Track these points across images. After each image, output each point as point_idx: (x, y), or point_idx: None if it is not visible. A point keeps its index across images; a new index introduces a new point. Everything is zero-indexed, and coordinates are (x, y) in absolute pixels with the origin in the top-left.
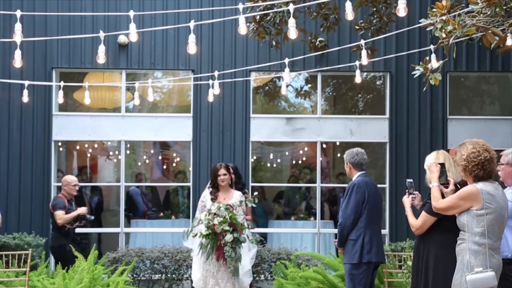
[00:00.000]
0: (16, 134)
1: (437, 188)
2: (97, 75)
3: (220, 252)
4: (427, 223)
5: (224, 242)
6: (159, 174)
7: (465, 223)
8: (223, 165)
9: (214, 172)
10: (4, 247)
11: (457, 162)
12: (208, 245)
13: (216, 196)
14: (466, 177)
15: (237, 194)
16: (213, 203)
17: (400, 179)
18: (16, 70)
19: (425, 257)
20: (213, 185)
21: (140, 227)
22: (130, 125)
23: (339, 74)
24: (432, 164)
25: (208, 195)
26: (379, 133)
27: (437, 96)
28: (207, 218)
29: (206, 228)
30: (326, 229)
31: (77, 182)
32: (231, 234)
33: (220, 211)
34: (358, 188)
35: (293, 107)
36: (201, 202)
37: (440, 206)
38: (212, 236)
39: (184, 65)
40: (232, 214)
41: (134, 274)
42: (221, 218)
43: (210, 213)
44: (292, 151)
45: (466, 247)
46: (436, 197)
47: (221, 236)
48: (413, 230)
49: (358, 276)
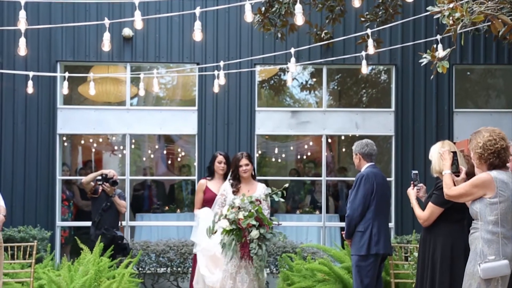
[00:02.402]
0: (21, 127)
1: (449, 176)
2: (102, 68)
3: (245, 250)
4: (434, 214)
5: (250, 239)
6: (164, 167)
7: (478, 211)
8: (244, 154)
9: (235, 162)
10: (10, 240)
11: (473, 149)
12: (232, 242)
13: (238, 188)
14: (480, 165)
15: (261, 186)
16: (235, 196)
17: (405, 172)
18: (20, 63)
19: (432, 248)
20: (234, 177)
21: (145, 221)
22: (135, 119)
23: (345, 68)
24: (445, 151)
25: (229, 188)
26: (385, 126)
27: (443, 89)
28: (232, 212)
29: (230, 223)
30: (332, 222)
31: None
32: (257, 230)
33: (245, 204)
34: (367, 179)
35: (298, 103)
36: (221, 195)
37: (453, 193)
38: (236, 232)
39: (189, 58)
40: (259, 208)
41: (140, 267)
42: (246, 212)
43: (233, 207)
44: (297, 145)
45: (479, 236)
46: (449, 185)
47: (247, 232)
48: (421, 222)
49: (366, 268)
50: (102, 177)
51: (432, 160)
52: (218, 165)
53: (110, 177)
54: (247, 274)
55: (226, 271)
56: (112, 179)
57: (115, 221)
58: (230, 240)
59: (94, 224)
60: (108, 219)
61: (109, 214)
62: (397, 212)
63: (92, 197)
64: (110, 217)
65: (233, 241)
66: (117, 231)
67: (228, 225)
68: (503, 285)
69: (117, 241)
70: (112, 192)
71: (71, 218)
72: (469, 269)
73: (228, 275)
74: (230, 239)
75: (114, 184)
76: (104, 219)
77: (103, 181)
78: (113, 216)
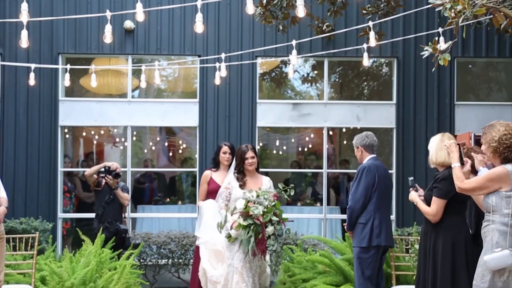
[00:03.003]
0: (23, 119)
1: (459, 169)
2: (103, 61)
3: (261, 246)
4: (440, 208)
5: (268, 235)
6: (165, 159)
7: (493, 204)
8: (250, 147)
9: (240, 155)
10: (11, 231)
11: (487, 142)
12: (251, 238)
13: (245, 182)
14: (494, 158)
15: (266, 179)
16: (245, 190)
17: (407, 165)
18: (22, 56)
19: (433, 240)
20: (239, 170)
21: (147, 213)
22: (136, 111)
23: (346, 60)
24: (451, 144)
25: (234, 181)
26: (386, 119)
27: (444, 82)
28: (251, 207)
29: (245, 219)
30: (332, 215)
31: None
32: (272, 225)
33: (262, 200)
34: (368, 171)
35: (300, 95)
36: (226, 189)
37: (466, 186)
38: (254, 228)
39: (190, 50)
40: (276, 203)
41: (141, 258)
42: (265, 207)
43: (250, 201)
44: (298, 138)
45: (495, 229)
46: (460, 177)
47: (264, 228)
48: (430, 218)
49: (367, 260)
50: (105, 169)
51: (431, 151)
52: (223, 156)
53: (113, 170)
54: (254, 268)
55: (231, 265)
56: (115, 172)
57: (118, 214)
58: (248, 236)
59: (97, 217)
60: (111, 212)
61: (112, 207)
62: (398, 205)
63: (95, 190)
64: (113, 210)
65: (251, 238)
66: (120, 224)
67: (244, 220)
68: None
69: (121, 234)
70: (114, 184)
71: (72, 210)
72: (481, 261)
73: (234, 270)
74: (248, 236)
75: (117, 176)
76: (107, 212)
77: (105, 173)
78: (116, 209)
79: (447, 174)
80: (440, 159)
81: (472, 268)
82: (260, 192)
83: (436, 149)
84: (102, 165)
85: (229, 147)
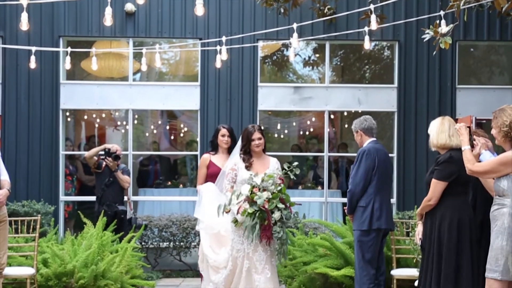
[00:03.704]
0: (24, 102)
1: (469, 151)
2: (105, 44)
3: (267, 233)
4: (438, 189)
5: (274, 221)
6: (167, 143)
7: (505, 188)
8: (256, 127)
9: (246, 135)
10: (14, 214)
11: (498, 127)
12: (256, 225)
13: (251, 163)
14: (505, 142)
15: (273, 160)
16: (251, 172)
17: (408, 148)
18: (23, 38)
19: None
20: (245, 151)
21: (148, 196)
22: (138, 94)
23: (347, 43)
24: (461, 127)
25: (240, 163)
26: (387, 102)
27: (446, 65)
28: (257, 194)
29: (251, 205)
30: (334, 198)
31: None
32: (279, 211)
33: (267, 184)
34: (368, 154)
35: (301, 78)
36: (232, 170)
37: (478, 169)
38: (259, 215)
39: (191, 33)
40: (282, 187)
41: (142, 241)
42: (270, 193)
43: (255, 187)
44: (300, 121)
45: (507, 212)
46: (471, 160)
47: (270, 214)
48: (429, 204)
49: (367, 243)
50: (105, 151)
51: (431, 134)
52: (221, 139)
53: (113, 152)
54: (264, 252)
55: (240, 250)
56: (115, 154)
57: (118, 196)
58: (254, 223)
59: (98, 199)
60: (111, 194)
61: (112, 189)
62: (399, 188)
63: (96, 172)
64: (113, 192)
65: (256, 225)
66: (120, 206)
67: (250, 207)
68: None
69: (119, 216)
70: (114, 166)
71: (74, 193)
72: (497, 244)
73: (245, 255)
74: (253, 222)
75: (117, 158)
76: (107, 195)
77: (105, 155)
78: (116, 191)
79: (448, 156)
80: (441, 141)
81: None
82: (265, 177)
83: (437, 132)
84: (102, 147)
85: (227, 129)
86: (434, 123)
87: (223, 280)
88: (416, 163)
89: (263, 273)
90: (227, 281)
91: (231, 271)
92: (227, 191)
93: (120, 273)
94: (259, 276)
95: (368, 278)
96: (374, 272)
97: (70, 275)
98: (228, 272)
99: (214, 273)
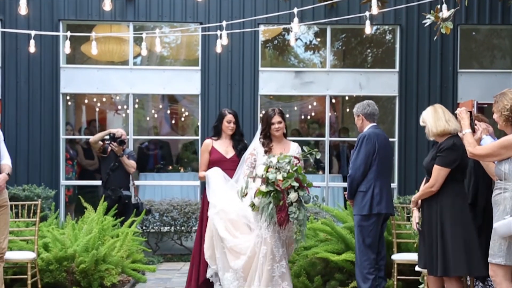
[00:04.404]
0: (24, 86)
1: (470, 135)
2: (105, 28)
3: (282, 214)
4: (441, 176)
5: (289, 202)
6: (168, 127)
7: (506, 172)
8: (276, 110)
9: (266, 119)
10: (14, 198)
11: (499, 111)
12: (269, 205)
13: (271, 148)
14: (506, 127)
15: (294, 145)
16: (268, 156)
17: (409, 133)
18: (23, 22)
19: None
20: (265, 135)
21: (149, 180)
22: (138, 79)
23: (349, 28)
24: (461, 111)
25: (259, 147)
26: (389, 86)
27: (448, 49)
28: (271, 172)
29: (266, 185)
30: (334, 183)
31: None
32: (295, 192)
33: (283, 164)
34: (369, 139)
35: (303, 62)
36: (251, 155)
37: (479, 152)
38: (274, 195)
39: (192, 17)
40: (298, 167)
41: (144, 226)
42: (285, 173)
43: (270, 166)
44: (301, 106)
45: (509, 196)
46: (472, 143)
47: (285, 194)
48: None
49: (368, 228)
50: (110, 136)
51: (428, 123)
52: (227, 125)
53: (117, 137)
54: (282, 238)
55: (258, 236)
56: (120, 139)
57: (124, 181)
58: (267, 203)
59: (103, 183)
60: (116, 179)
61: (117, 174)
62: (400, 173)
63: (102, 157)
64: (119, 177)
65: (270, 204)
66: (124, 191)
67: (264, 187)
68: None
69: (124, 201)
70: (120, 151)
71: (75, 177)
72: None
73: (262, 241)
74: (266, 202)
75: (122, 143)
76: (112, 179)
77: (110, 140)
78: (121, 176)
79: (452, 143)
80: (440, 128)
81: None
82: (281, 156)
83: (433, 119)
84: (107, 132)
85: (233, 115)
86: (427, 113)
87: (241, 268)
88: (417, 147)
89: (280, 261)
90: (245, 268)
91: (250, 257)
92: (245, 176)
93: (121, 257)
94: (277, 264)
95: (369, 262)
96: (374, 256)
97: (70, 259)
98: (247, 258)
99: (234, 258)
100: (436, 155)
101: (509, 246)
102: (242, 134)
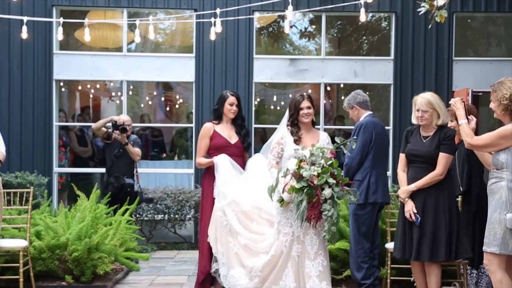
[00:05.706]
0: (17, 72)
1: (467, 125)
2: (99, 14)
3: (315, 211)
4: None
5: (324, 199)
6: (162, 114)
7: (504, 161)
8: (305, 95)
9: (295, 105)
10: (7, 185)
11: (498, 100)
12: (302, 202)
13: (300, 136)
14: (505, 116)
15: (324, 135)
16: (298, 147)
17: (404, 121)
18: (15, 8)
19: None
20: (292, 123)
21: (143, 168)
22: (132, 65)
23: (344, 15)
24: (456, 101)
25: (288, 136)
26: (384, 74)
27: (443, 37)
28: (305, 168)
29: (299, 181)
30: None
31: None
32: (330, 188)
33: (317, 158)
34: (366, 128)
35: (298, 50)
36: (278, 144)
37: (477, 143)
38: (307, 191)
39: (186, 4)
40: (334, 161)
41: (137, 214)
42: (320, 167)
43: (303, 160)
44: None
45: (505, 186)
46: (469, 134)
47: (319, 190)
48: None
49: (363, 217)
50: (112, 124)
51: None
52: (229, 108)
53: (119, 124)
54: (316, 235)
55: (287, 234)
56: (122, 126)
57: (128, 169)
58: (299, 200)
59: (107, 170)
60: (120, 166)
61: (121, 161)
62: (395, 161)
63: (106, 143)
64: (123, 164)
65: (303, 202)
66: (127, 178)
67: (297, 183)
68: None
69: (126, 189)
70: (124, 140)
71: (68, 164)
72: (495, 217)
73: (295, 239)
74: (299, 199)
75: (124, 131)
76: (115, 166)
77: (113, 128)
78: (126, 163)
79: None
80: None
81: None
82: (314, 150)
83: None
84: (109, 119)
85: (236, 97)
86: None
87: (261, 267)
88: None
89: (316, 259)
90: (267, 268)
91: (274, 257)
92: (271, 167)
93: (114, 246)
94: (312, 263)
95: (363, 251)
96: (369, 245)
97: (63, 247)
98: (270, 257)
99: (249, 255)
100: (442, 142)
101: (504, 235)
102: (244, 119)
